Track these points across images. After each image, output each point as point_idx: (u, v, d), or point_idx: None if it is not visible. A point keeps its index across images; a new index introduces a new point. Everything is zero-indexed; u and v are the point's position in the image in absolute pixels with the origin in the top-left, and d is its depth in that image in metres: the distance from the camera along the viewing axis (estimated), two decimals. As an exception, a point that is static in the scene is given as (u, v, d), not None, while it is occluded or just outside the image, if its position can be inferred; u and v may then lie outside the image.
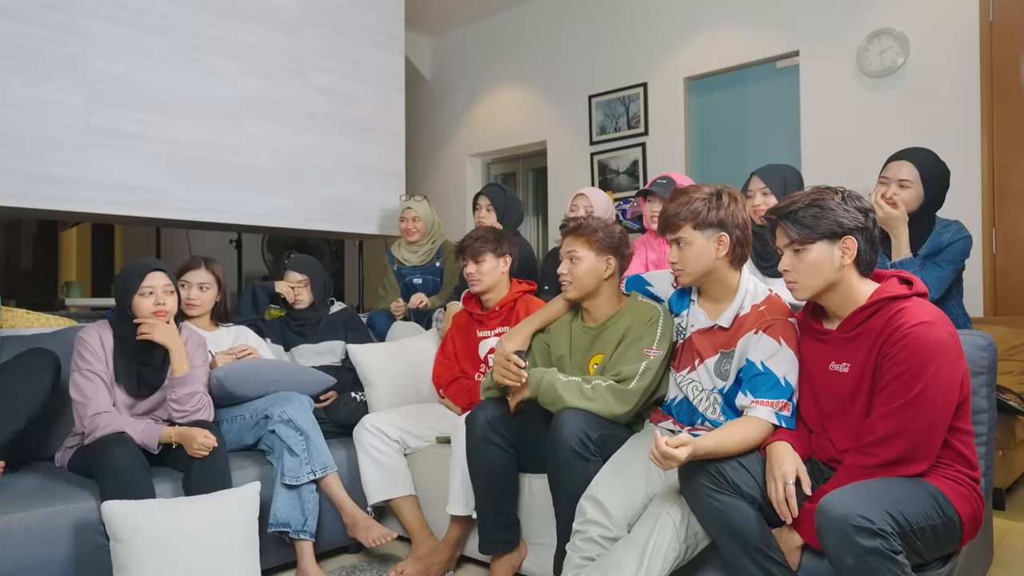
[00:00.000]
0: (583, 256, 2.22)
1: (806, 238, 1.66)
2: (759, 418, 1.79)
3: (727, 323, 1.96)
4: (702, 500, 1.67)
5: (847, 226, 1.64)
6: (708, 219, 1.92)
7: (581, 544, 1.84)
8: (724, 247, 1.93)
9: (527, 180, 6.15)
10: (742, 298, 1.95)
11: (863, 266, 1.68)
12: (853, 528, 1.40)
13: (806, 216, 1.66)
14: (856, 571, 1.41)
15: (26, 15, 3.03)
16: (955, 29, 3.74)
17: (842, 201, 1.66)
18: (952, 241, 2.33)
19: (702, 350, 2.00)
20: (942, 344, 1.55)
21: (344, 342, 3.06)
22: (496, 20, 5.88)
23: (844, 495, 1.47)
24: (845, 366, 1.69)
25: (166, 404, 2.31)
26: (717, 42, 4.60)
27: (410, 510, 2.56)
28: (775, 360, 1.83)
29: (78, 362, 2.21)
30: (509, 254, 2.77)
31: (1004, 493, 2.96)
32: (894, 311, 1.61)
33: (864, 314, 1.66)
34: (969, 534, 1.61)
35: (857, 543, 1.39)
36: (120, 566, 1.94)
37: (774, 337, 1.85)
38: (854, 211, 1.65)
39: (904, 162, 2.33)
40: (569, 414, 2.00)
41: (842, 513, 1.42)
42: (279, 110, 3.90)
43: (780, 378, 1.81)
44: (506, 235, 2.81)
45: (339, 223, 4.20)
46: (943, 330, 1.57)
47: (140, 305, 2.26)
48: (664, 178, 2.83)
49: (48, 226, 6.52)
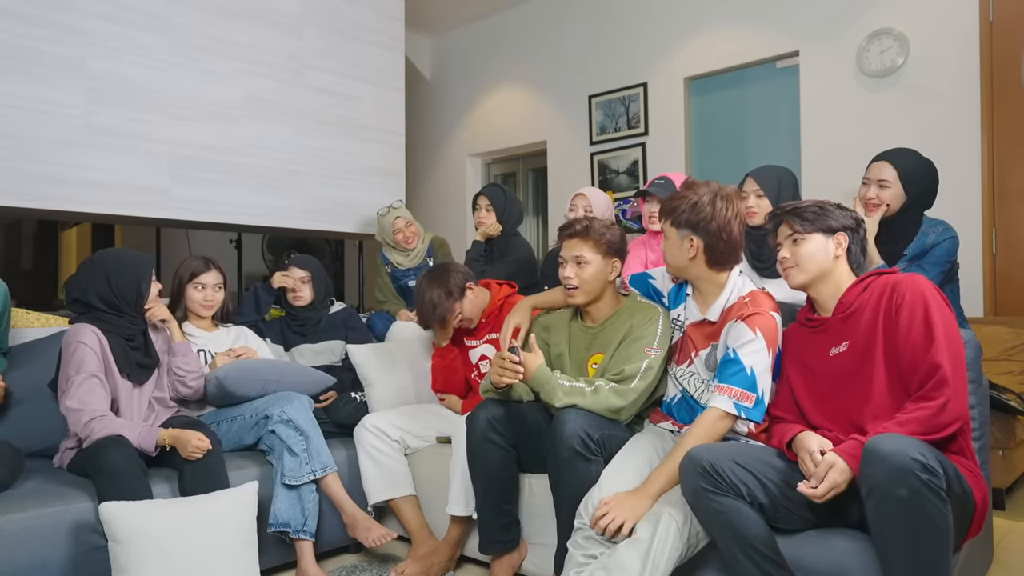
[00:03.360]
0: (591, 260, 2.18)
1: (807, 229, 1.82)
2: (713, 408, 1.82)
3: (715, 316, 1.99)
4: (702, 502, 1.67)
5: (842, 224, 1.83)
6: (681, 219, 1.98)
7: (583, 542, 1.85)
8: (694, 249, 1.97)
9: (527, 180, 6.15)
10: (729, 292, 1.99)
11: (853, 264, 1.85)
12: (911, 460, 1.41)
13: (807, 212, 1.84)
14: (907, 503, 1.41)
15: (26, 15, 3.03)
16: (955, 29, 3.74)
17: (838, 208, 1.86)
18: (937, 242, 2.34)
19: (696, 343, 2.04)
20: (936, 289, 1.70)
21: (344, 342, 3.06)
22: (496, 20, 5.88)
23: (892, 438, 1.48)
24: (844, 345, 1.76)
25: (160, 383, 2.43)
26: (717, 42, 4.60)
27: (410, 510, 2.56)
28: (746, 349, 1.85)
29: (75, 367, 2.16)
30: (462, 287, 2.63)
31: (1004, 493, 2.96)
32: (884, 279, 1.76)
33: (856, 290, 1.78)
34: (978, 522, 1.63)
35: (913, 474, 1.40)
36: (119, 567, 1.94)
37: (750, 326, 1.87)
38: (848, 216, 1.85)
39: (884, 163, 2.38)
40: (570, 414, 2.00)
41: (897, 447, 1.43)
42: (279, 110, 3.90)
43: (747, 367, 1.83)
44: (444, 269, 2.66)
45: (339, 223, 4.20)
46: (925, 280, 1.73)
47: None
48: (662, 178, 2.83)
49: (48, 226, 6.51)
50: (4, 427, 2.37)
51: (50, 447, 2.40)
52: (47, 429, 2.40)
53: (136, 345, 2.36)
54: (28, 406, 2.43)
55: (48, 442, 2.41)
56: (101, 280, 2.29)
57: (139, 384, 2.35)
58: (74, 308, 2.32)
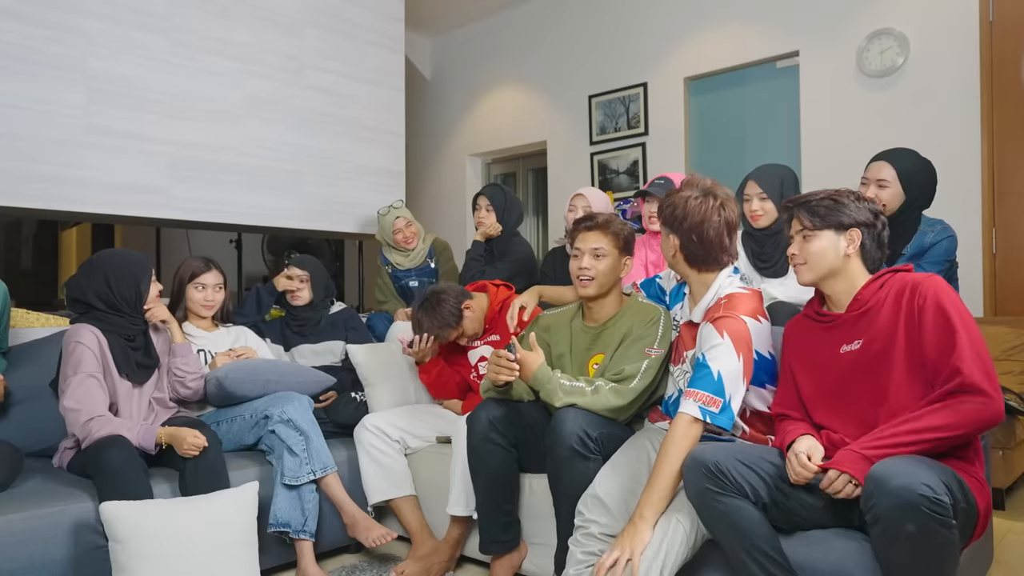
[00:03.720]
0: (608, 253, 2.19)
1: (816, 226, 1.75)
2: (682, 413, 1.77)
3: (698, 318, 1.99)
4: (707, 503, 1.66)
5: (855, 219, 1.74)
6: (663, 217, 2.00)
7: (583, 539, 1.85)
8: (673, 248, 1.98)
9: (527, 180, 6.15)
10: (713, 293, 1.96)
11: (868, 261, 1.77)
12: (919, 496, 1.38)
13: (819, 207, 1.76)
14: (913, 539, 1.40)
15: (26, 15, 3.03)
16: (955, 29, 3.74)
17: (856, 200, 1.76)
18: (936, 241, 2.35)
19: (686, 343, 2.04)
20: (954, 291, 1.64)
21: (344, 342, 3.06)
22: (496, 20, 5.88)
23: (898, 464, 1.45)
24: (858, 343, 1.71)
25: (160, 384, 2.43)
26: (717, 42, 4.60)
27: (410, 510, 2.56)
28: (713, 353, 1.81)
29: (73, 367, 2.17)
30: (458, 313, 2.60)
31: (1004, 493, 2.96)
32: (902, 277, 1.69)
33: (872, 287, 1.72)
34: (981, 526, 1.61)
35: (921, 510, 1.38)
36: (119, 567, 1.94)
37: (717, 329, 1.83)
38: (864, 209, 1.75)
39: (883, 163, 2.39)
40: (568, 413, 2.00)
41: (905, 481, 1.40)
42: (279, 110, 3.90)
43: (713, 371, 1.78)
44: (436, 295, 2.60)
45: (339, 223, 4.20)
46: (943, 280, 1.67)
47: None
48: (662, 178, 2.84)
49: (48, 226, 6.51)
50: (4, 427, 2.38)
51: (50, 447, 2.40)
52: (47, 429, 2.41)
53: (136, 345, 2.36)
54: (28, 406, 2.43)
55: (48, 442, 2.41)
56: (101, 280, 2.29)
57: (139, 384, 2.35)
58: (74, 308, 2.32)
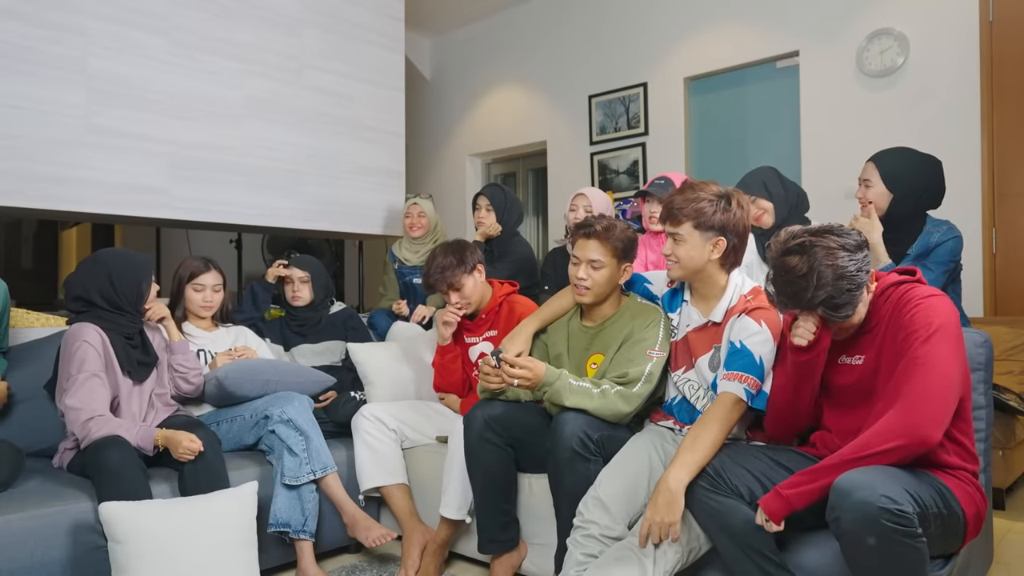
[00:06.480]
0: (606, 264, 2.17)
1: (851, 312, 1.61)
2: (727, 392, 1.82)
3: (719, 318, 1.99)
4: (700, 502, 1.68)
5: (866, 280, 1.62)
6: (710, 222, 1.94)
7: (582, 540, 1.85)
8: (719, 251, 1.96)
9: (527, 180, 6.15)
10: (732, 293, 1.99)
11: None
12: (877, 509, 1.38)
13: (840, 297, 1.58)
14: (877, 551, 1.40)
15: (26, 15, 3.03)
16: (955, 29, 3.74)
17: (850, 253, 1.59)
18: (941, 242, 2.36)
19: (697, 348, 2.02)
20: (949, 314, 1.57)
21: (344, 342, 3.06)
22: (496, 20, 5.88)
23: (860, 475, 1.45)
24: (859, 358, 1.70)
25: (160, 380, 2.44)
26: (717, 42, 4.60)
27: (401, 497, 2.56)
28: (753, 340, 1.86)
29: (77, 365, 2.16)
30: (474, 265, 2.60)
31: (1004, 493, 2.96)
32: (903, 291, 1.66)
33: (877, 303, 1.68)
34: (972, 532, 1.60)
35: (880, 523, 1.38)
36: (118, 567, 1.94)
37: (755, 319, 1.88)
38: (860, 259, 1.59)
39: (869, 163, 2.48)
40: (570, 414, 2.00)
41: (865, 494, 1.40)
42: (279, 110, 3.90)
43: (756, 356, 1.84)
44: (462, 243, 2.64)
45: (339, 223, 4.19)
46: (949, 304, 1.61)
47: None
48: (662, 178, 2.84)
49: (48, 226, 6.52)
50: (4, 427, 2.38)
51: (50, 447, 2.40)
52: (47, 429, 2.41)
53: (135, 343, 2.38)
54: (28, 406, 2.43)
55: (48, 442, 2.41)
56: (104, 279, 2.30)
57: (139, 382, 2.36)
58: (74, 306, 2.31)
